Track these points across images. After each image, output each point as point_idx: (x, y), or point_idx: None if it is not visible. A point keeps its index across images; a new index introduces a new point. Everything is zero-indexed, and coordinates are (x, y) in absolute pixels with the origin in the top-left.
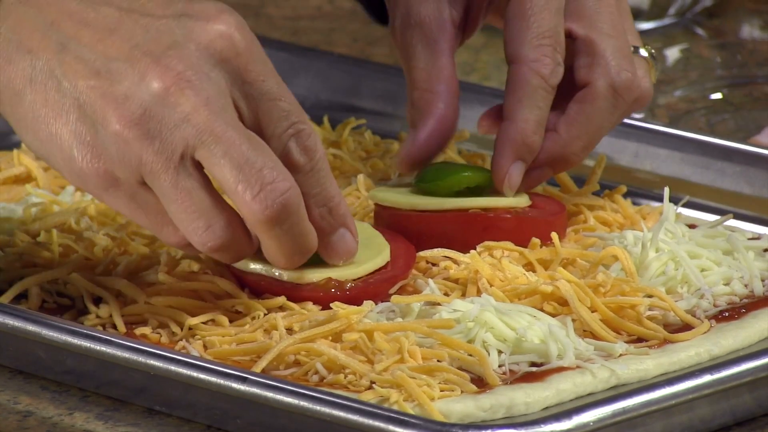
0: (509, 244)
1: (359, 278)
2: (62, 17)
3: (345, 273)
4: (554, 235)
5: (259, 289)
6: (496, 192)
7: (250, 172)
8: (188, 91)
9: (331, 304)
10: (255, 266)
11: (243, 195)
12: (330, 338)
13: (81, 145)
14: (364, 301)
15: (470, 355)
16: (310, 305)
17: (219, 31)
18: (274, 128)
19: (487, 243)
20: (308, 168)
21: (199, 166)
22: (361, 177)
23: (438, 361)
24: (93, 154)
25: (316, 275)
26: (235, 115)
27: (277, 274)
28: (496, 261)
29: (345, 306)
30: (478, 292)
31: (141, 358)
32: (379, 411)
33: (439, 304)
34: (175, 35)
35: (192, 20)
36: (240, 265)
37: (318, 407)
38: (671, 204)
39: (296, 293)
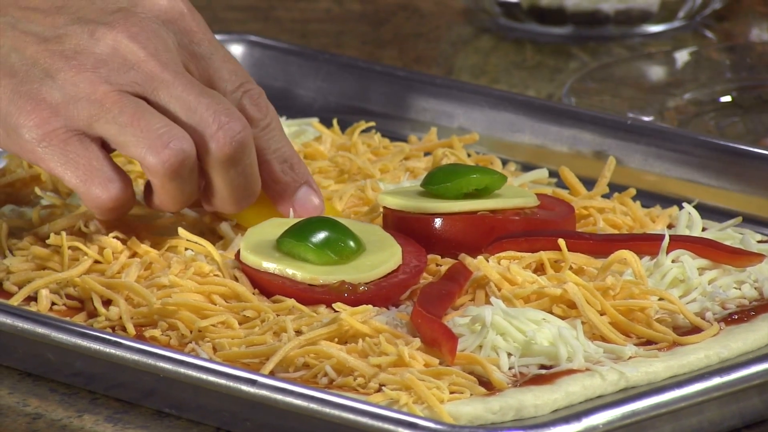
0: (516, 253)
1: (372, 281)
2: (7, 5)
3: (359, 276)
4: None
5: (272, 289)
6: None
7: (206, 113)
8: (136, 44)
9: (333, 305)
10: (269, 265)
11: (203, 131)
12: (336, 340)
13: (20, 97)
14: (362, 305)
15: (472, 366)
16: (321, 308)
17: None
18: (225, 85)
19: (497, 255)
20: (264, 123)
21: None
22: (370, 180)
23: (440, 363)
24: (33, 102)
25: (330, 277)
26: (183, 68)
27: (290, 273)
28: (504, 268)
29: (346, 307)
30: (487, 296)
31: (150, 361)
32: (388, 413)
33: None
34: (121, 3)
35: None
36: (253, 263)
37: (327, 409)
38: (689, 207)
39: (309, 295)
